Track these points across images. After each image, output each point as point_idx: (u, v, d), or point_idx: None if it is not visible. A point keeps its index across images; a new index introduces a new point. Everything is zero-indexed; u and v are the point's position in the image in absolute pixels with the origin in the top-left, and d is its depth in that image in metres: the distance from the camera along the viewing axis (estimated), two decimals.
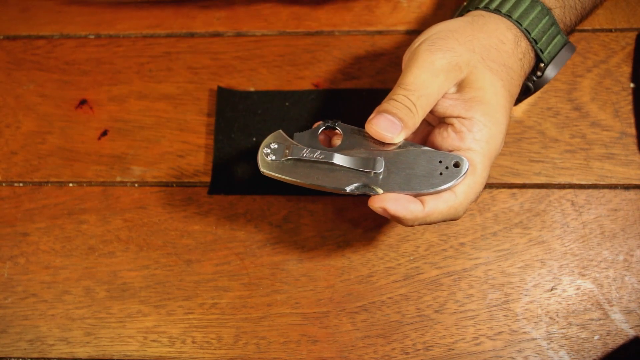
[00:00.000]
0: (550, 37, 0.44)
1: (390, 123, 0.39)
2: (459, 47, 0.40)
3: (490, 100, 0.40)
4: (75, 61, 0.57)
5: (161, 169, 0.53)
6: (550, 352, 0.47)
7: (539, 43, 0.43)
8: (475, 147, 0.40)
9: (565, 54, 0.45)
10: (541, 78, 0.46)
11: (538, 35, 0.43)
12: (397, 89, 0.40)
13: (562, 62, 0.45)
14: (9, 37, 0.58)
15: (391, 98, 0.40)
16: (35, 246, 0.52)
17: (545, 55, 0.44)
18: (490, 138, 0.40)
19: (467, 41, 0.41)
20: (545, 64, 0.44)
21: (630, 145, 0.51)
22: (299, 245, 0.51)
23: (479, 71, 0.40)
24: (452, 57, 0.40)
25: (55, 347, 0.50)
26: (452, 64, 0.40)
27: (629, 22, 0.54)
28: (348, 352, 0.48)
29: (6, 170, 0.54)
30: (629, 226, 0.50)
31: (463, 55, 0.40)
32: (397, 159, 0.39)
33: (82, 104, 0.56)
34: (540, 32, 0.43)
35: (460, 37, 0.41)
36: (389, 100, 0.40)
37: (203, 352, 0.49)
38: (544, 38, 0.43)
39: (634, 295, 0.48)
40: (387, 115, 0.39)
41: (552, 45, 0.44)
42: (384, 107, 0.40)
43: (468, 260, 0.50)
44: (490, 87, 0.40)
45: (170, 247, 0.51)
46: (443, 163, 0.39)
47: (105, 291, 0.51)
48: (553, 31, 0.44)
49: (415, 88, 0.39)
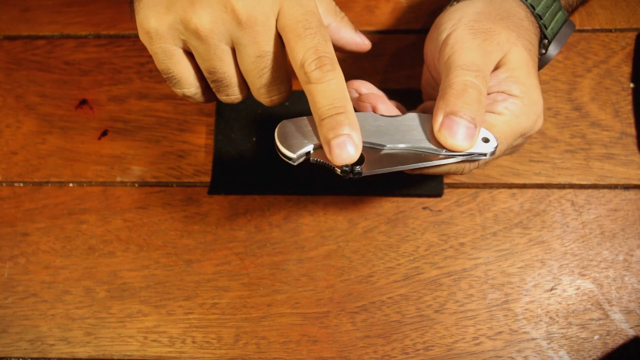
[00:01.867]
0: (552, 13, 0.42)
1: (466, 129, 0.36)
2: (495, 27, 0.39)
3: (526, 81, 0.38)
4: (75, 61, 0.57)
5: (161, 169, 0.53)
6: (550, 352, 0.47)
7: (543, 19, 0.42)
8: (504, 112, 0.38)
9: (566, 31, 0.44)
10: (544, 55, 0.44)
11: (542, 11, 0.41)
12: (458, 71, 0.36)
13: (564, 39, 0.44)
14: (9, 37, 0.58)
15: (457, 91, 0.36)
16: (35, 246, 0.52)
17: (549, 31, 0.42)
18: (520, 113, 0.38)
19: (499, 20, 0.39)
20: (549, 40, 0.43)
21: (630, 145, 0.51)
22: (299, 245, 0.51)
23: (517, 49, 0.39)
24: (493, 36, 0.38)
25: (55, 347, 0.50)
26: (494, 44, 0.38)
27: (629, 22, 0.54)
28: (348, 352, 0.48)
29: (6, 170, 0.54)
30: (629, 226, 0.50)
31: (502, 33, 0.38)
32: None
33: (82, 104, 0.56)
34: (544, 8, 0.42)
35: (490, 16, 0.39)
36: (456, 96, 0.36)
37: (203, 352, 0.49)
38: (547, 14, 0.42)
39: (633, 295, 0.48)
40: (458, 119, 0.35)
41: (554, 22, 0.42)
42: (451, 106, 0.36)
43: (468, 260, 0.50)
44: (525, 66, 0.39)
45: (170, 247, 0.51)
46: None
47: (105, 291, 0.51)
48: (555, 7, 0.42)
49: (479, 68, 0.37)
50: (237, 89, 0.39)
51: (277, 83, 0.37)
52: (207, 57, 0.36)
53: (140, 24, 0.36)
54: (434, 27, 0.42)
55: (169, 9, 0.35)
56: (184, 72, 0.38)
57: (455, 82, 0.36)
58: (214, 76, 0.38)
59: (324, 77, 0.34)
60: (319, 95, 0.35)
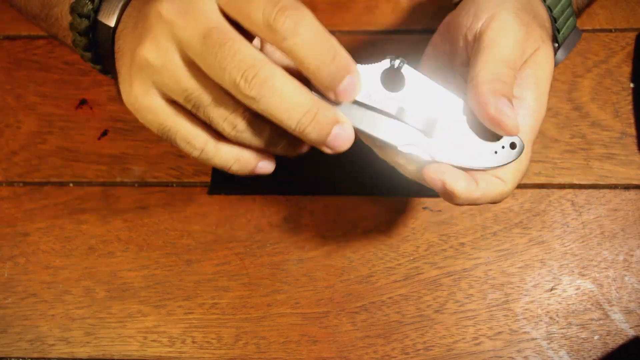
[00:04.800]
0: (566, 17, 0.41)
1: (511, 109, 0.33)
2: (532, 22, 0.37)
3: (544, 82, 0.37)
4: (75, 61, 0.57)
5: (161, 169, 0.53)
6: (550, 352, 0.47)
7: (557, 22, 0.41)
8: (520, 131, 0.36)
9: (575, 37, 0.43)
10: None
11: (557, 14, 0.40)
12: (496, 64, 0.35)
13: (572, 45, 0.43)
14: (9, 37, 0.58)
15: (496, 77, 0.34)
16: (35, 246, 0.52)
17: (560, 36, 0.41)
18: (535, 123, 0.37)
19: (533, 17, 0.38)
20: (559, 44, 0.42)
21: (630, 145, 0.51)
22: (299, 245, 0.51)
23: (546, 48, 0.37)
24: (532, 32, 0.36)
25: (55, 347, 0.50)
26: (531, 40, 0.36)
27: (629, 22, 0.54)
28: (348, 352, 0.48)
29: (6, 170, 0.54)
30: (629, 226, 0.50)
31: (537, 30, 0.37)
32: (454, 126, 0.35)
33: (82, 104, 0.56)
34: (560, 12, 0.40)
35: (527, 10, 0.38)
36: (495, 79, 0.34)
37: (203, 352, 0.49)
38: (562, 18, 0.41)
39: (633, 295, 0.48)
40: (509, 104, 0.33)
41: (566, 27, 0.41)
42: (503, 89, 0.34)
43: (468, 260, 0.50)
44: (549, 67, 0.37)
45: (170, 247, 0.51)
46: (500, 142, 0.35)
47: (105, 291, 0.51)
48: (569, 12, 0.41)
49: (515, 66, 0.35)
50: (223, 108, 0.33)
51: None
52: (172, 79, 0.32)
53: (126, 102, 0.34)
54: (468, 1, 0.39)
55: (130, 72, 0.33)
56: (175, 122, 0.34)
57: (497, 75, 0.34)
58: (191, 97, 0.32)
59: (297, 26, 0.29)
60: (303, 49, 0.30)
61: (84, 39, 0.39)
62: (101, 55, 0.40)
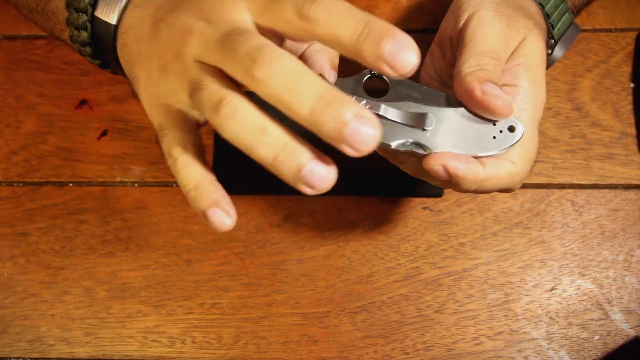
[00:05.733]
0: (560, 13, 0.42)
1: (499, 90, 0.33)
2: (515, 13, 0.38)
3: (537, 68, 0.37)
4: (75, 61, 0.57)
5: (161, 169, 0.53)
6: (551, 352, 0.47)
7: (550, 18, 0.41)
8: (521, 115, 0.36)
9: (572, 34, 0.43)
10: (550, 56, 0.43)
11: (550, 10, 0.41)
12: (478, 56, 0.35)
13: (570, 41, 0.44)
14: (9, 37, 0.58)
15: (479, 67, 0.34)
16: (35, 246, 0.52)
17: (556, 31, 0.42)
18: (535, 107, 0.37)
19: (517, 9, 0.38)
20: (556, 40, 0.42)
21: (630, 145, 0.51)
22: (299, 245, 0.51)
23: (534, 36, 0.37)
24: (514, 22, 0.37)
25: (55, 347, 0.50)
26: (514, 30, 0.37)
27: (629, 22, 0.54)
28: (348, 352, 0.48)
29: (6, 170, 0.54)
30: (629, 226, 0.50)
31: (521, 21, 0.37)
32: (446, 117, 0.35)
33: (82, 104, 0.56)
34: (552, 7, 0.41)
35: (509, 4, 0.38)
36: (478, 69, 0.34)
37: (203, 352, 0.49)
38: (555, 14, 0.41)
39: (634, 295, 0.48)
40: (495, 86, 0.33)
41: (561, 23, 0.42)
42: (486, 75, 0.34)
43: (468, 260, 0.50)
44: (539, 55, 0.37)
45: (170, 247, 0.51)
46: (497, 126, 0.35)
47: (105, 291, 0.51)
48: (563, 8, 0.42)
49: (498, 57, 0.35)
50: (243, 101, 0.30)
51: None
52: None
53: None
54: (453, 4, 0.40)
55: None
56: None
57: (482, 65, 0.35)
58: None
59: (327, 7, 0.27)
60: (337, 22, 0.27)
61: (82, 33, 0.38)
62: (101, 49, 0.39)
